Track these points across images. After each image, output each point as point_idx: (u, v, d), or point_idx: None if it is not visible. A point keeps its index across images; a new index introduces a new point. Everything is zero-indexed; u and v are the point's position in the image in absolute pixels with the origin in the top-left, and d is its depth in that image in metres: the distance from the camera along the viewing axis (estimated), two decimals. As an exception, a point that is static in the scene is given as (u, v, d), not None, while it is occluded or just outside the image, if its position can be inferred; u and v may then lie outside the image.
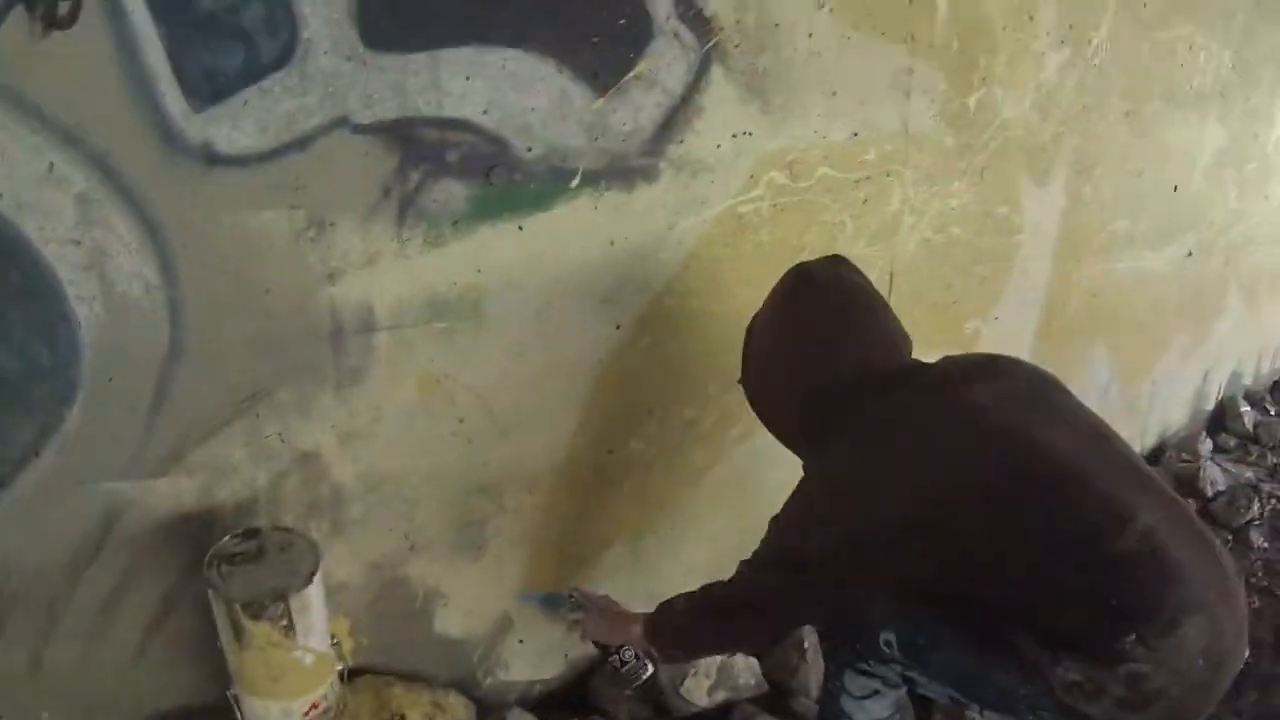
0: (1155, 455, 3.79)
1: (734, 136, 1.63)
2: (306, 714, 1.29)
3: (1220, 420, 4.57)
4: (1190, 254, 3.51)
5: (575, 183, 1.45)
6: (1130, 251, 3.03)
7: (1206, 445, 4.28)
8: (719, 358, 1.77)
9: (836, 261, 1.48)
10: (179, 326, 1.17)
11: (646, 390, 1.70)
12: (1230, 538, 3.13)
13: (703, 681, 1.89)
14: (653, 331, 1.65)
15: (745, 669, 1.95)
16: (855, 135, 1.84)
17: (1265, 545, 3.13)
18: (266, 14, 1.12)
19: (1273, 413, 4.92)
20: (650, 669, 1.59)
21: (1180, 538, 1.22)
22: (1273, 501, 3.77)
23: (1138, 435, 3.60)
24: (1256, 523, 3.25)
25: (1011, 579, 1.22)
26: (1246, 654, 1.27)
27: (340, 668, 1.37)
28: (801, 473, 1.43)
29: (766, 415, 1.51)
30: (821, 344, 1.38)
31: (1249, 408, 4.69)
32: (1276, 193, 4.41)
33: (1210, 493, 3.42)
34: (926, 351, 1.56)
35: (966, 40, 2.02)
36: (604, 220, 1.51)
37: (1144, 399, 3.59)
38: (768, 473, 1.99)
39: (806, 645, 1.98)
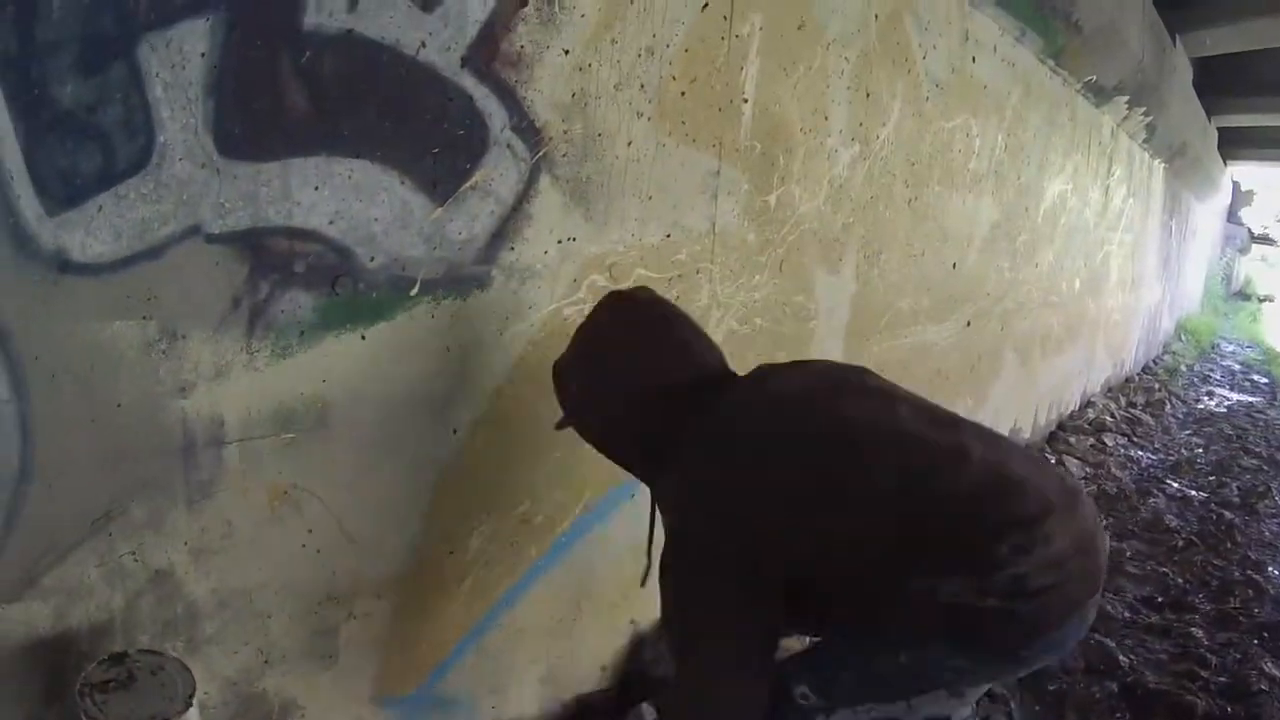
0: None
1: (560, 242, 2.04)
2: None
3: (1003, 474, 5.61)
4: (969, 324, 4.36)
5: (415, 291, 1.77)
6: (914, 327, 3.76)
7: (993, 499, 5.27)
8: (547, 455, 2.17)
9: (644, 287, 1.89)
10: (29, 443, 1.33)
11: (482, 490, 2.03)
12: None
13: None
14: (486, 434, 1.99)
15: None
16: (668, 236, 2.32)
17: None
18: (125, 116, 1.31)
19: (1053, 461, 6.08)
20: None
21: (1015, 460, 1.67)
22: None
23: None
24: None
25: (883, 537, 1.56)
26: (1108, 543, 1.70)
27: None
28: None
29: (600, 436, 1.82)
30: (647, 349, 1.73)
31: (1029, 461, 5.78)
32: (1046, 260, 5.50)
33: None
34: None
35: (768, 143, 2.57)
36: (441, 327, 1.84)
37: (929, 464, 4.38)
38: (596, 561, 2.44)
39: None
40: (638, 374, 1.72)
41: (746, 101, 2.48)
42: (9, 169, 1.24)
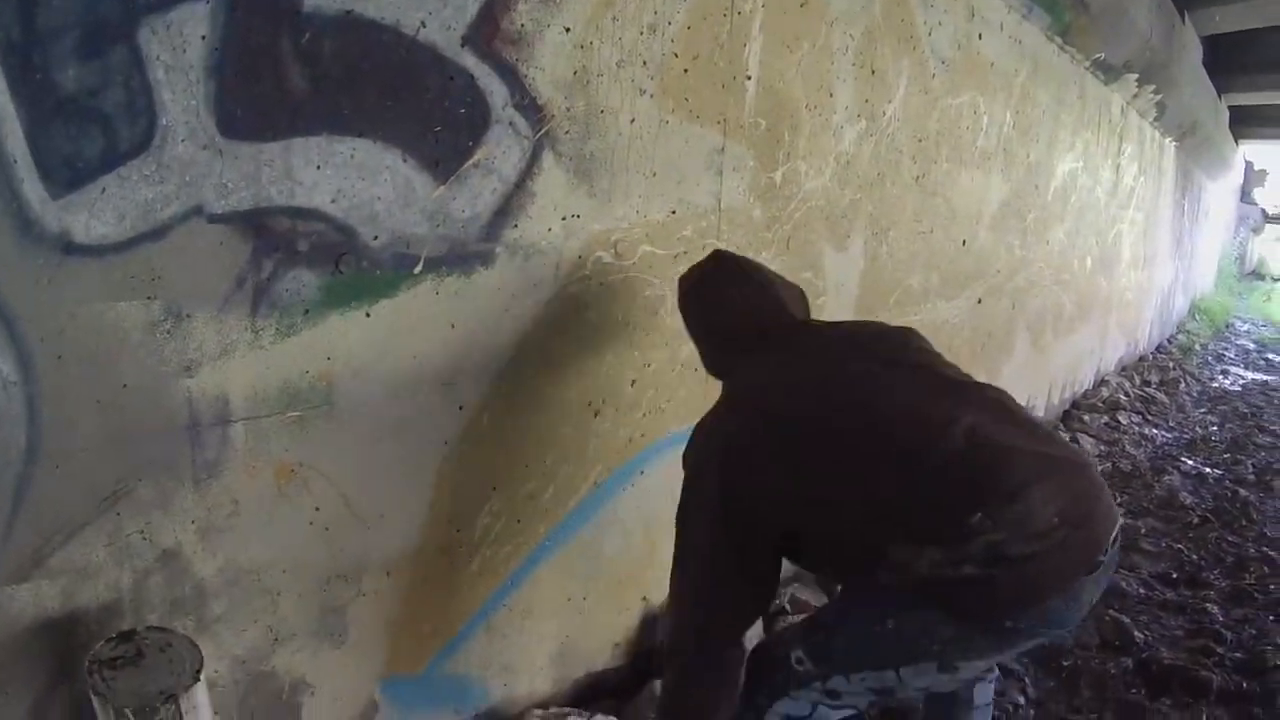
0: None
1: (564, 220, 2.02)
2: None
3: (1016, 453, 5.59)
4: (980, 301, 4.33)
5: (418, 269, 1.77)
6: (924, 304, 3.73)
7: (1006, 477, 5.26)
8: (554, 432, 2.17)
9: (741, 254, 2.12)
10: (36, 424, 1.34)
11: (489, 468, 2.02)
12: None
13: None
14: (492, 411, 1.98)
15: None
16: (673, 213, 2.30)
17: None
18: (127, 99, 1.32)
19: (1067, 440, 6.05)
20: None
21: (1009, 428, 1.66)
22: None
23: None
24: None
25: (867, 504, 1.64)
26: (1119, 514, 1.68)
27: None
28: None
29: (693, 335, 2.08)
30: (736, 296, 1.97)
31: (1043, 438, 5.76)
32: (1057, 238, 5.45)
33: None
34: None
35: (773, 119, 2.55)
36: (445, 305, 1.83)
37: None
38: (606, 539, 2.43)
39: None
40: (707, 320, 2.03)
41: (750, 78, 2.45)
42: (12, 153, 1.25)
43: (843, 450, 1.69)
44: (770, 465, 1.71)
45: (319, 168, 1.59)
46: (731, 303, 1.98)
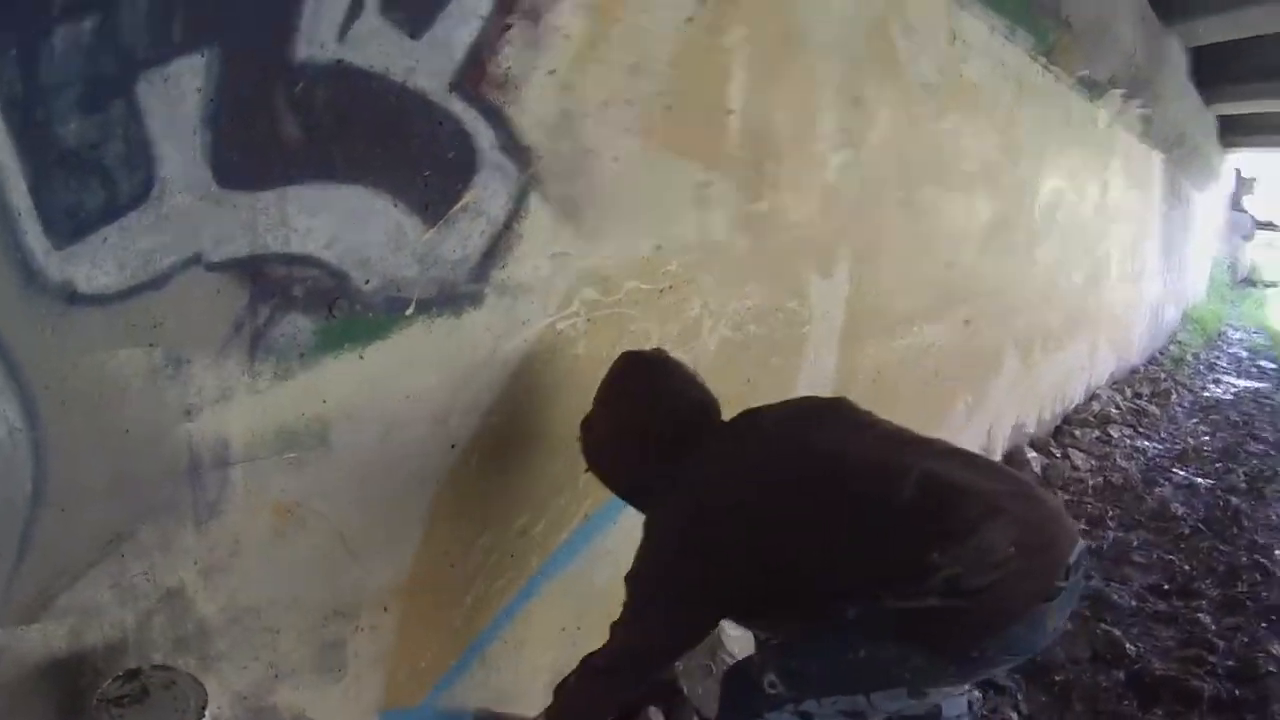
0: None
1: (551, 258, 2.07)
2: None
3: (1008, 469, 5.63)
4: (967, 322, 4.38)
5: (410, 311, 1.81)
6: (911, 327, 3.78)
7: (997, 494, 5.28)
8: (545, 467, 2.22)
9: (658, 349, 2.11)
10: (41, 469, 1.37)
11: (481, 504, 2.07)
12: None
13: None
14: (483, 448, 2.03)
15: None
16: (659, 248, 2.35)
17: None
18: (126, 151, 1.36)
19: (1058, 455, 6.08)
20: None
21: (961, 470, 1.80)
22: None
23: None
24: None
25: (828, 555, 1.74)
26: (1078, 535, 1.80)
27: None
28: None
29: (612, 475, 2.07)
30: (653, 398, 1.96)
31: (1035, 454, 5.80)
32: (1044, 257, 5.51)
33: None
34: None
35: (756, 152, 2.60)
36: (436, 346, 1.87)
37: (932, 462, 4.40)
38: (598, 570, 2.47)
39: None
40: (639, 423, 1.96)
41: (733, 113, 2.51)
42: (16, 206, 1.28)
43: (808, 503, 1.79)
44: (738, 526, 1.79)
45: (313, 215, 1.62)
46: (674, 396, 1.99)
